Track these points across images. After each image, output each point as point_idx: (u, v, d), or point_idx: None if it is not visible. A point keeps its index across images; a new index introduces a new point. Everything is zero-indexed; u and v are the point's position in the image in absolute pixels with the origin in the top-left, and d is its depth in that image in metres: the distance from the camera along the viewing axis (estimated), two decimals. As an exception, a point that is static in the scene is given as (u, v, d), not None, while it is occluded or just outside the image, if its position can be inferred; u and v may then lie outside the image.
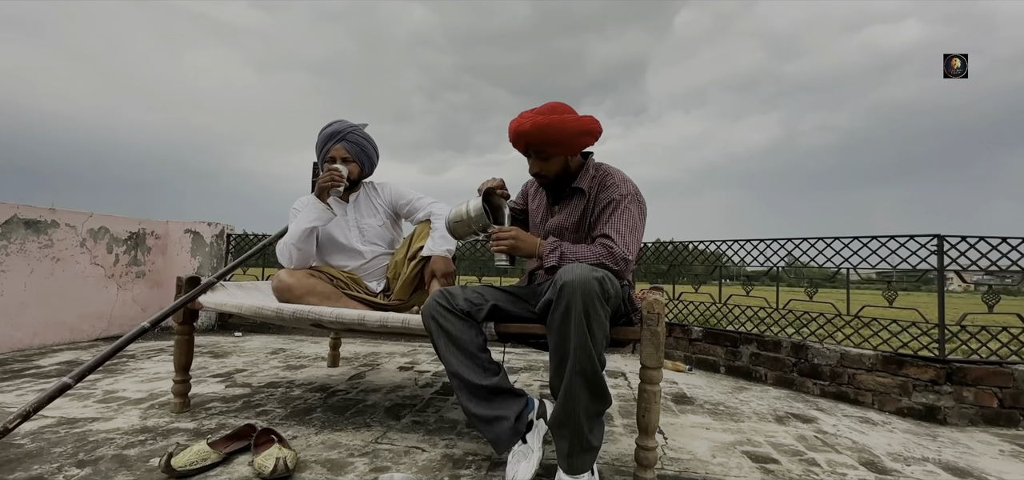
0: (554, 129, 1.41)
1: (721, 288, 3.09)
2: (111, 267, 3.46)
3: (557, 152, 1.46)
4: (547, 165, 1.49)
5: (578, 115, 1.43)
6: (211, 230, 3.93)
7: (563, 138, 1.42)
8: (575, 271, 1.22)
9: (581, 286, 1.19)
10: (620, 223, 1.42)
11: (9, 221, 2.86)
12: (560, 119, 1.41)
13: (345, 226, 2.02)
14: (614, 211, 1.44)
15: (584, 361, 1.19)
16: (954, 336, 2.26)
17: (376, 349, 3.33)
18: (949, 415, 2.12)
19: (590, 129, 1.44)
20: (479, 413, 1.32)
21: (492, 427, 1.31)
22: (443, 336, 1.36)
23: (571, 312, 1.19)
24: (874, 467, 1.58)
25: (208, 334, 3.69)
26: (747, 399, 2.35)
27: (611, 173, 1.51)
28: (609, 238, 1.41)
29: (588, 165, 1.54)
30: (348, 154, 2.00)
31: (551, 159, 1.48)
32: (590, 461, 1.24)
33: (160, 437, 1.58)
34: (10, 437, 1.49)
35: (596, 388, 1.22)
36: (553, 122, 1.40)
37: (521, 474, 1.27)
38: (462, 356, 1.35)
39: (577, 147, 1.47)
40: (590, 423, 1.23)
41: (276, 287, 1.82)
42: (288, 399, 2.06)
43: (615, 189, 1.46)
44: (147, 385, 2.19)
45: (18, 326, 2.88)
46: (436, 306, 1.38)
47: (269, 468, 1.28)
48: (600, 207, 1.47)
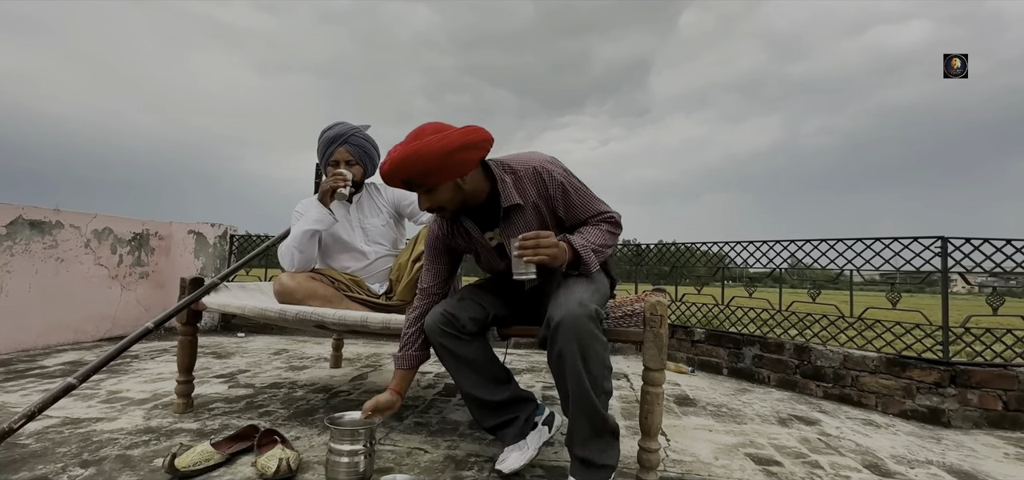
0: (423, 156, 1.16)
1: (723, 290, 3.09)
2: (115, 268, 3.47)
3: (440, 180, 1.22)
4: (436, 196, 1.25)
5: (452, 131, 1.20)
6: (214, 231, 3.95)
7: (437, 164, 1.17)
8: (567, 307, 1.16)
9: (574, 326, 1.15)
10: (586, 197, 1.35)
11: (14, 222, 2.88)
12: (427, 143, 1.17)
13: (348, 227, 2.02)
14: (572, 192, 1.33)
15: (584, 402, 1.20)
16: (958, 338, 2.25)
17: (378, 350, 3.34)
18: (953, 418, 2.11)
19: (469, 142, 1.19)
20: (491, 424, 1.44)
21: (501, 430, 1.44)
22: (452, 359, 1.40)
23: (565, 358, 1.18)
24: (878, 470, 1.58)
25: (211, 335, 3.71)
26: (750, 401, 2.35)
27: (529, 166, 1.32)
28: (599, 213, 1.35)
29: (501, 178, 1.30)
30: (351, 157, 1.99)
31: (436, 189, 1.24)
32: (601, 477, 1.25)
33: (164, 437, 1.58)
34: (15, 437, 1.50)
35: (598, 422, 1.22)
36: (420, 148, 1.17)
37: (511, 462, 1.35)
38: (474, 377, 1.41)
39: (460, 167, 1.21)
40: (598, 446, 1.25)
41: (277, 290, 1.83)
42: (291, 400, 2.07)
43: (550, 176, 1.31)
44: (151, 385, 2.20)
45: (23, 327, 2.89)
46: (441, 332, 1.38)
47: (272, 469, 1.29)
48: (558, 200, 1.32)
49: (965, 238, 2.25)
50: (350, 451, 1.27)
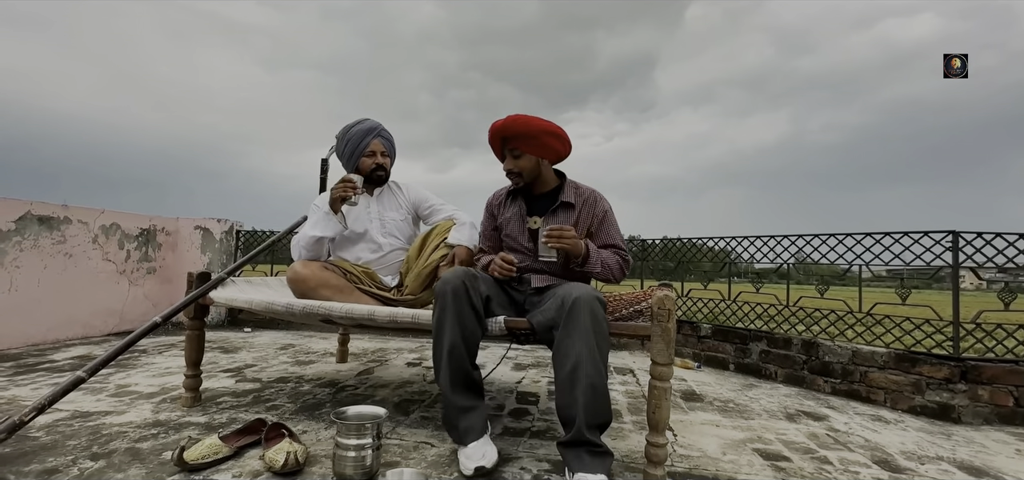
0: (529, 122, 1.56)
1: (730, 285, 3.07)
2: (122, 263, 3.49)
3: (528, 149, 1.58)
4: (519, 162, 1.60)
5: (550, 122, 1.58)
6: (221, 226, 3.96)
7: (531, 132, 1.56)
8: (582, 290, 1.33)
9: (590, 304, 1.29)
10: (616, 232, 1.66)
11: (23, 217, 2.90)
12: (529, 116, 1.58)
13: (366, 217, 2.06)
14: (609, 223, 1.65)
15: (596, 377, 1.26)
16: (969, 334, 2.23)
17: (384, 345, 3.35)
18: (963, 414, 2.09)
19: (559, 134, 1.58)
20: (460, 403, 1.39)
21: (467, 415, 1.39)
22: (454, 307, 1.38)
23: (580, 329, 1.28)
24: (888, 466, 1.56)
25: (218, 330, 3.73)
26: (757, 396, 2.33)
27: (591, 189, 1.68)
28: (619, 248, 1.63)
29: (568, 182, 1.68)
30: (384, 148, 2.11)
31: (523, 156, 1.59)
32: (603, 466, 1.25)
33: (172, 431, 1.59)
34: (26, 430, 1.51)
35: (605, 401, 1.28)
36: (528, 117, 1.58)
37: (490, 457, 1.34)
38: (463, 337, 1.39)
39: (546, 150, 1.59)
40: (600, 432, 1.28)
41: (291, 278, 1.85)
42: (297, 394, 2.07)
43: (601, 203, 1.65)
44: (158, 379, 2.21)
45: (32, 321, 2.91)
46: (461, 285, 1.39)
47: (280, 462, 1.29)
48: (597, 220, 1.64)
49: (977, 232, 2.23)
50: (357, 445, 1.27)
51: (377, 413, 1.38)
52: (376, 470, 1.31)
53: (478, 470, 1.30)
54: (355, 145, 2.06)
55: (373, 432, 1.30)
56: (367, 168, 2.07)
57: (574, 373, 1.26)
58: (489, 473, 1.32)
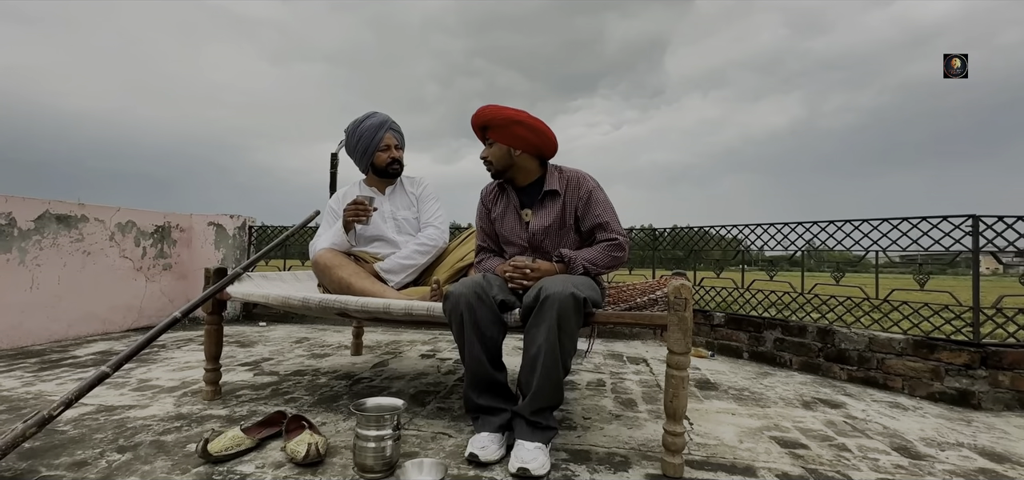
0: (494, 112, 1.60)
1: (743, 273, 3.05)
2: (139, 260, 3.55)
3: (498, 138, 1.60)
4: (490, 150, 1.63)
5: (523, 112, 1.59)
6: (234, 222, 4.00)
7: (500, 120, 1.58)
8: (558, 287, 1.35)
9: (559, 302, 1.33)
10: (603, 211, 1.59)
11: (42, 216, 2.95)
12: (501, 106, 1.61)
13: (380, 217, 2.07)
14: (594, 202, 1.60)
15: (552, 370, 1.35)
16: (989, 319, 2.19)
17: (397, 337, 3.37)
18: (983, 400, 2.06)
19: (526, 120, 1.57)
20: (483, 404, 1.47)
21: (487, 414, 1.46)
22: (471, 319, 1.42)
23: (546, 326, 1.33)
24: (907, 452, 1.55)
25: (233, 324, 3.78)
26: (772, 384, 2.32)
27: (575, 171, 1.66)
28: (607, 228, 1.58)
29: (551, 169, 1.67)
30: (396, 141, 2.12)
31: (494, 145, 1.62)
32: (544, 437, 1.38)
33: (194, 423, 1.62)
34: (54, 424, 1.55)
35: (557, 391, 1.39)
36: (497, 107, 1.61)
37: (490, 452, 1.36)
38: (485, 347, 1.44)
39: (516, 136, 1.58)
40: (549, 413, 1.42)
41: (316, 260, 1.93)
42: (314, 386, 2.10)
43: (585, 183, 1.62)
44: (179, 373, 2.25)
45: (54, 318, 2.97)
46: (472, 295, 1.42)
47: (302, 453, 1.31)
48: (582, 202, 1.60)
49: (998, 216, 2.19)
50: (377, 436, 1.29)
51: (395, 404, 1.40)
52: (396, 460, 1.32)
53: (471, 457, 1.35)
54: (368, 141, 2.06)
55: (392, 423, 1.32)
56: (383, 162, 2.08)
57: (534, 361, 1.36)
58: (482, 465, 1.35)
